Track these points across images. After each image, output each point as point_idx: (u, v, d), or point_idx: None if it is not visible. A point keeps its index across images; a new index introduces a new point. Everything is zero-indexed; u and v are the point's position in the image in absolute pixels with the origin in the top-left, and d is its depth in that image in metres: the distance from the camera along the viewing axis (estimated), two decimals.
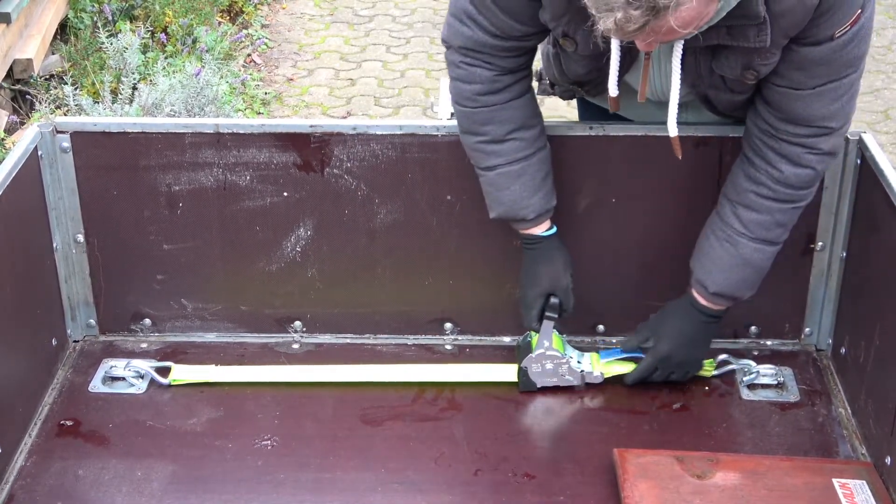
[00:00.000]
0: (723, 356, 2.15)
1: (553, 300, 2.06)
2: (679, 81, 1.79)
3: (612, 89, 1.84)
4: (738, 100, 1.92)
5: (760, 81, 1.84)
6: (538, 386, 2.10)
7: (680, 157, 1.88)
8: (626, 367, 2.11)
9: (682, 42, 1.74)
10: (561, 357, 2.09)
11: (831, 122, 1.83)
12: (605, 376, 2.12)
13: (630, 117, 2.16)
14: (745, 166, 1.92)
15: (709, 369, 2.14)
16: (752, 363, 2.14)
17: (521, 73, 1.97)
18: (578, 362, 2.11)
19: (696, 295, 2.01)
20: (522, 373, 2.10)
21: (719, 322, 2.06)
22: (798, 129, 1.84)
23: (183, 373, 2.15)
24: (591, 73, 1.96)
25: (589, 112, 2.26)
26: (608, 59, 1.81)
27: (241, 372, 2.16)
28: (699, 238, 2.01)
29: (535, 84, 2.08)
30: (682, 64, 1.79)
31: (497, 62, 1.93)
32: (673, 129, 1.84)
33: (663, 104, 1.89)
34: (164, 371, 2.18)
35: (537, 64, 2.08)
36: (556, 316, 2.07)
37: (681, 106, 2.09)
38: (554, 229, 2.06)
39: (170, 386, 2.14)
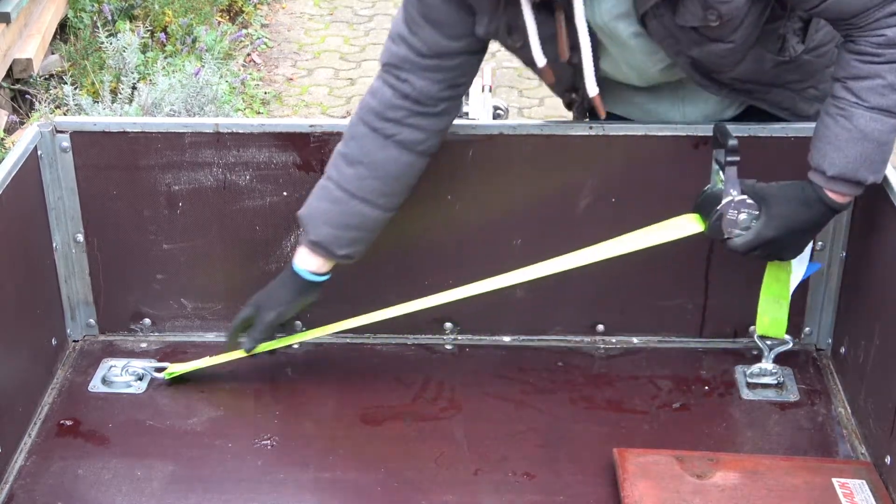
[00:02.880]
0: None
1: (731, 142, 1.90)
2: (588, 38, 1.82)
3: (539, 59, 1.86)
4: (725, 48, 1.88)
5: (767, 34, 1.85)
6: (726, 236, 1.92)
7: (603, 116, 1.93)
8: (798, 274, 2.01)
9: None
10: (756, 209, 1.90)
11: None
12: None
13: (621, 114, 2.16)
14: (845, 45, 1.85)
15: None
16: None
17: (427, 115, 1.94)
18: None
19: (814, 183, 1.88)
20: (716, 216, 1.91)
21: (835, 215, 1.92)
22: (870, 14, 1.79)
23: (178, 367, 2.14)
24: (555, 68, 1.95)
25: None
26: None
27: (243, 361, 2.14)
28: (814, 130, 1.90)
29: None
30: (650, 31, 1.81)
31: (414, 81, 1.91)
32: (592, 89, 1.89)
33: (651, 89, 1.90)
34: (164, 370, 2.18)
35: None
36: (737, 158, 1.90)
37: (676, 93, 2.08)
38: (321, 278, 2.05)
39: (169, 384, 2.14)
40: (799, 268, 2.02)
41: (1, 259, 1.95)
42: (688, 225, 1.97)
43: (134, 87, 4.68)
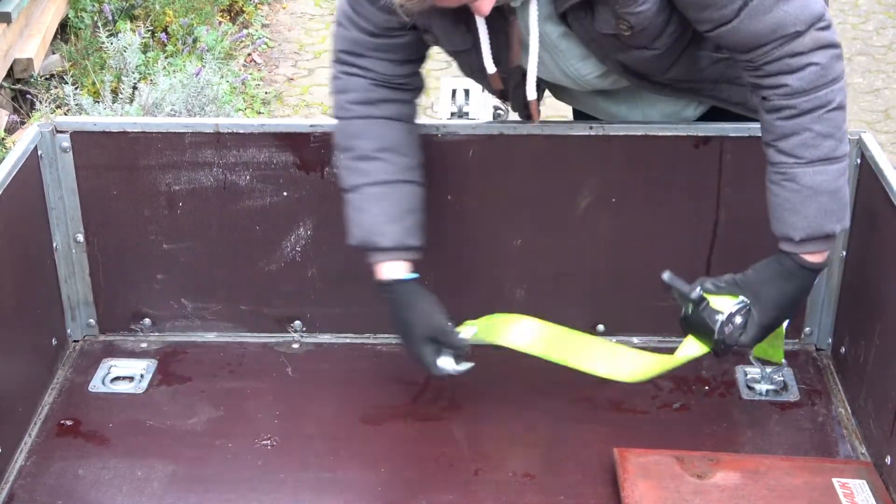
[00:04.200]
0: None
1: (694, 294, 1.85)
2: (537, 45, 1.84)
3: (489, 66, 1.89)
4: (651, 54, 1.86)
5: (699, 35, 1.82)
6: (734, 345, 1.89)
7: (536, 122, 1.95)
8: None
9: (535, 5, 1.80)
10: (744, 304, 1.85)
11: (788, 28, 1.73)
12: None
13: (586, 110, 2.18)
14: (761, 104, 1.82)
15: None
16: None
17: (399, 90, 1.96)
18: None
19: (788, 253, 1.85)
20: (721, 344, 1.88)
21: (816, 277, 1.89)
22: (765, 50, 1.75)
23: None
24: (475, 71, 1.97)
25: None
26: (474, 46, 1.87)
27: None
28: (767, 201, 1.87)
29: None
30: (575, 33, 1.83)
31: (373, 67, 1.92)
32: (532, 93, 1.92)
33: (608, 93, 1.92)
34: (164, 370, 2.18)
35: None
36: (705, 303, 1.86)
37: (633, 94, 2.08)
38: (413, 276, 1.96)
39: (168, 385, 2.14)
40: None
41: (1, 259, 1.95)
42: (694, 349, 1.92)
43: (135, 87, 4.68)
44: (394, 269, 1.97)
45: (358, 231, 1.96)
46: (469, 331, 1.99)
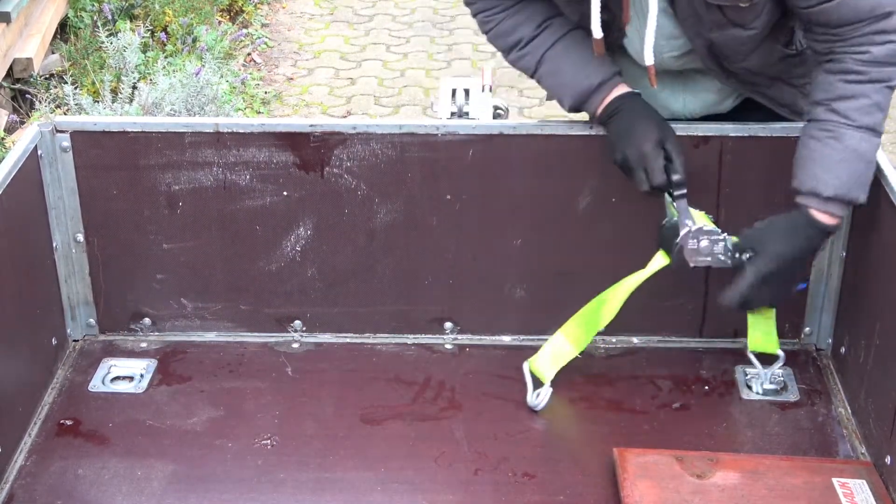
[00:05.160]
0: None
1: (675, 177, 1.93)
2: (657, 9, 1.84)
3: (596, 31, 1.88)
4: (745, 35, 1.91)
5: (779, 27, 1.88)
6: (692, 265, 1.95)
7: (654, 86, 1.93)
8: None
9: None
10: (718, 233, 1.93)
11: (886, 6, 1.80)
12: None
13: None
14: (825, 66, 1.87)
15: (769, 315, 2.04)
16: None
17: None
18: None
19: (809, 209, 1.89)
20: (678, 249, 1.95)
21: (827, 238, 1.95)
22: (857, 26, 1.81)
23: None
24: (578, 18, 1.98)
25: None
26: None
27: None
28: (795, 157, 1.91)
29: None
30: (676, 8, 1.84)
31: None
32: (649, 59, 1.89)
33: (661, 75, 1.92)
34: (164, 370, 2.18)
35: None
36: (685, 191, 1.93)
37: (678, 81, 2.10)
38: (637, 91, 2.01)
39: (168, 385, 2.14)
40: None
41: (1, 259, 1.95)
42: (655, 262, 2.00)
43: (134, 87, 4.68)
44: (619, 91, 2.01)
45: (565, 92, 2.04)
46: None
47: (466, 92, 2.37)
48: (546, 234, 2.19)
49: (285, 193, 2.17)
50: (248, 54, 5.72)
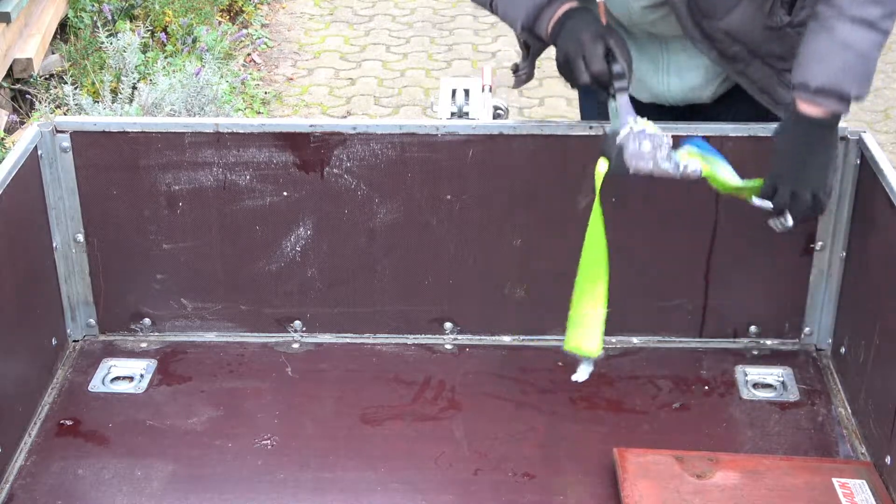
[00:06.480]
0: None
1: (616, 68, 1.83)
2: None
3: None
4: None
5: None
6: (631, 171, 1.85)
7: (604, 23, 1.87)
8: (729, 171, 1.92)
9: None
10: (660, 137, 1.83)
11: None
12: (705, 175, 1.88)
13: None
14: None
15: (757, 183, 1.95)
16: None
17: None
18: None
19: (799, 103, 1.86)
20: (617, 151, 1.83)
21: (834, 132, 1.90)
22: None
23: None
24: None
25: (589, 103, 2.26)
26: None
27: None
28: (797, 54, 1.89)
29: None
30: None
31: None
32: None
33: (636, 56, 1.91)
34: (164, 370, 2.18)
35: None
36: (627, 85, 1.84)
37: (660, 60, 2.11)
38: (587, 7, 1.93)
39: (168, 385, 2.14)
40: (726, 167, 1.93)
41: (1, 259, 1.95)
42: (598, 169, 1.90)
43: (134, 87, 4.68)
44: (569, 5, 1.93)
45: (518, 12, 1.96)
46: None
47: (466, 92, 2.37)
48: (546, 234, 2.19)
49: (285, 193, 2.17)
50: (248, 54, 5.72)
